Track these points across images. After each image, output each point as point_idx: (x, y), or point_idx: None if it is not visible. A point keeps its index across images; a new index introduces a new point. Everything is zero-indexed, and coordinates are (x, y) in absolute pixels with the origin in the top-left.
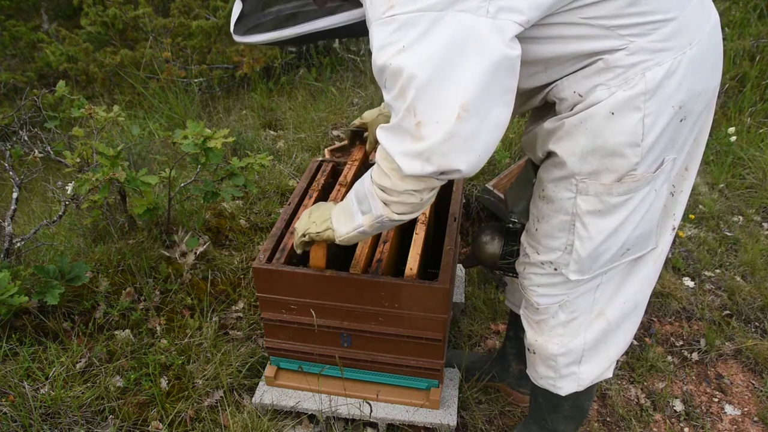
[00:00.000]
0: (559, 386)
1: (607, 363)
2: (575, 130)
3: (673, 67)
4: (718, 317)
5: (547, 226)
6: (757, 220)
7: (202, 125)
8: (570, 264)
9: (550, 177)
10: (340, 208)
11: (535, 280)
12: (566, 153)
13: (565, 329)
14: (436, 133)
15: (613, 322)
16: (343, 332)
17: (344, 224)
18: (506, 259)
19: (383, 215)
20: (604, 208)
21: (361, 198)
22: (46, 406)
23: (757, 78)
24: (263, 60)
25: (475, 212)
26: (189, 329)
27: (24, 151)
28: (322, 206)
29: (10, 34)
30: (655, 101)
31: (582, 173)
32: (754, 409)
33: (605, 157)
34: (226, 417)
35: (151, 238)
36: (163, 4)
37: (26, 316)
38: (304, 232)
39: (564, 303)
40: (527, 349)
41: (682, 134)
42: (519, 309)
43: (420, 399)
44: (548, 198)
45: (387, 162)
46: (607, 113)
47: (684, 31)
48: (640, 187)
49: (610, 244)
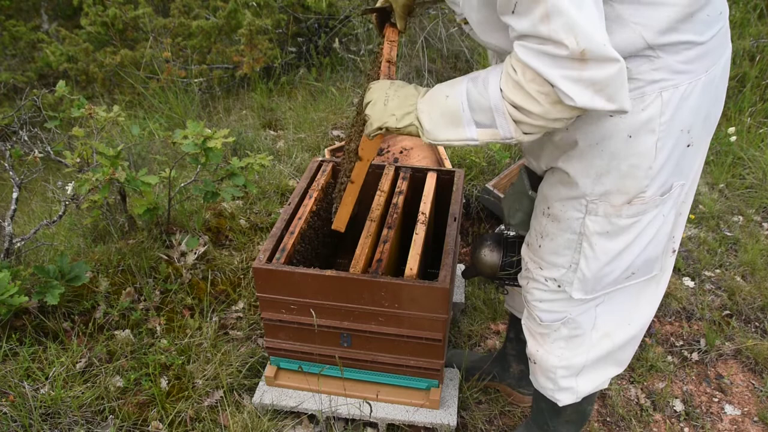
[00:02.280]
0: (558, 397)
1: (605, 378)
2: (590, 151)
3: (688, 91)
4: (718, 317)
5: (552, 244)
6: (757, 220)
7: (202, 125)
8: (574, 282)
9: (558, 196)
10: (436, 105)
11: (538, 295)
12: (579, 173)
13: (567, 344)
14: (609, 61)
15: (619, 345)
16: (343, 332)
17: (444, 129)
18: (506, 270)
19: (512, 137)
20: (612, 229)
21: (480, 108)
22: (46, 406)
23: (757, 78)
24: (263, 60)
25: (475, 212)
26: (189, 329)
27: (24, 151)
28: (399, 90)
29: (10, 34)
30: (667, 124)
31: (593, 194)
32: (754, 409)
33: (618, 179)
34: (226, 417)
35: (151, 238)
36: (163, 4)
37: (26, 316)
38: (381, 125)
39: (567, 320)
40: (529, 358)
41: (687, 159)
42: (519, 313)
43: (420, 399)
44: (554, 216)
45: (536, 84)
46: (626, 137)
47: (705, 57)
48: (648, 209)
49: (614, 266)
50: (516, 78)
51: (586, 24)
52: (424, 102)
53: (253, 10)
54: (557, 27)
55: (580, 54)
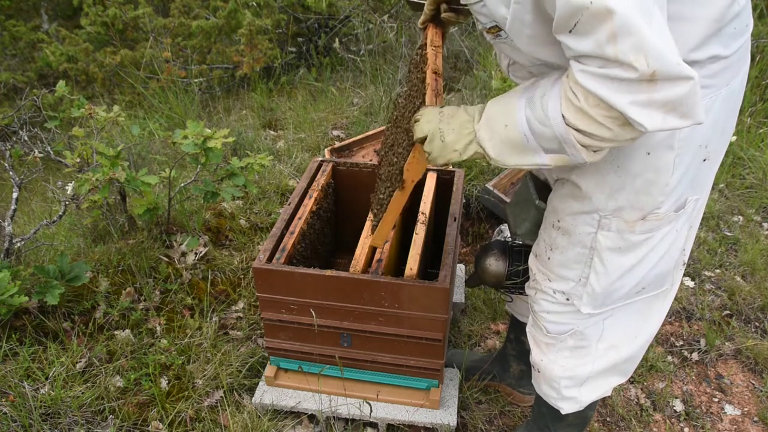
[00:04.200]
0: (560, 406)
1: (608, 387)
2: (605, 166)
3: (708, 105)
4: (718, 317)
5: (562, 257)
6: (757, 220)
7: (202, 125)
8: (583, 297)
9: (569, 210)
10: (496, 133)
11: (546, 306)
12: (592, 188)
13: (572, 354)
14: (681, 79)
15: (624, 357)
16: (343, 332)
17: (511, 155)
18: (512, 279)
19: (585, 161)
20: (624, 245)
21: (545, 138)
22: (46, 406)
23: (757, 78)
24: (263, 60)
25: (475, 212)
26: (189, 329)
27: (24, 151)
28: (452, 121)
29: (10, 34)
30: (686, 140)
31: (606, 210)
32: (754, 409)
33: (633, 194)
34: (226, 417)
35: (151, 238)
36: (163, 4)
37: (26, 316)
38: (446, 161)
39: (574, 332)
40: (532, 366)
41: (703, 174)
42: (521, 316)
43: (420, 399)
44: (565, 230)
45: (601, 110)
46: (644, 154)
47: (727, 70)
48: (662, 226)
49: (625, 282)
50: (579, 105)
51: (657, 43)
52: (482, 129)
53: (253, 10)
54: (626, 48)
55: (650, 75)
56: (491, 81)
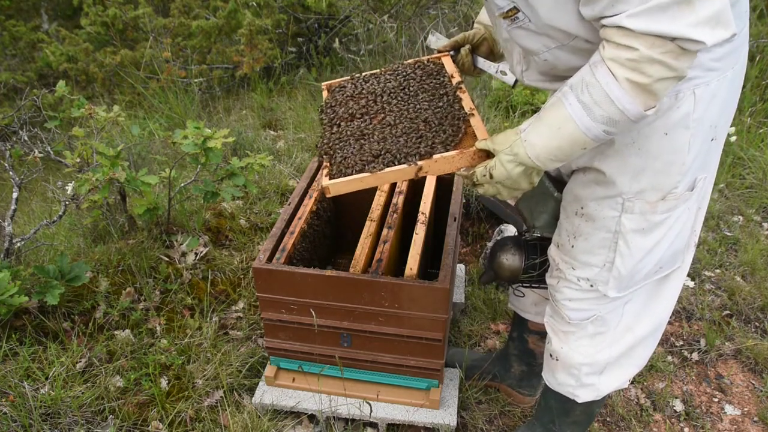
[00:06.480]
0: (578, 394)
1: (627, 376)
2: (626, 150)
3: (717, 88)
4: (718, 317)
5: (586, 244)
6: (757, 220)
7: (202, 125)
8: (609, 281)
9: (593, 195)
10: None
11: (568, 294)
12: (616, 172)
13: (592, 341)
14: None
15: (640, 338)
16: (343, 332)
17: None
18: (528, 273)
19: (653, 107)
20: (647, 226)
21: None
22: (46, 406)
23: (757, 78)
24: (263, 60)
25: (475, 212)
26: (189, 329)
27: (24, 151)
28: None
29: (10, 34)
30: (699, 120)
31: (630, 192)
32: (754, 409)
33: (653, 175)
34: (226, 417)
35: (151, 238)
36: (163, 4)
37: (26, 316)
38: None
39: (595, 318)
40: (549, 356)
41: (711, 153)
42: (524, 313)
43: (420, 399)
44: (588, 216)
45: (657, 48)
46: (662, 134)
47: (733, 53)
48: (679, 205)
49: (647, 262)
50: (632, 56)
51: None
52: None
53: (253, 10)
54: None
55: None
56: (491, 81)
